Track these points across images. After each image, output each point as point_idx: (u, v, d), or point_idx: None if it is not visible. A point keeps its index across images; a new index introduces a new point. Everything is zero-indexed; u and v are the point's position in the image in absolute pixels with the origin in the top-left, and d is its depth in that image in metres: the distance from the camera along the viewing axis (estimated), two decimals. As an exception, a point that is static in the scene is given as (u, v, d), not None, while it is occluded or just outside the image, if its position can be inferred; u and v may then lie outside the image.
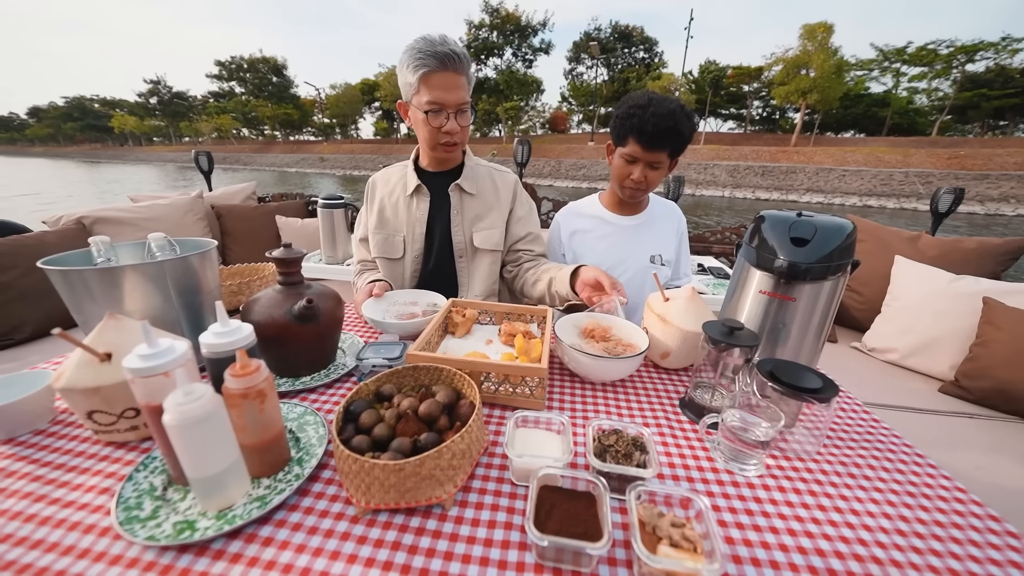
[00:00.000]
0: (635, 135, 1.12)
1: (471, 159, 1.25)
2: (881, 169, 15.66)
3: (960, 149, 16.92)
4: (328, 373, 0.85)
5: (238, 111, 55.04)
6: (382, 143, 42.15)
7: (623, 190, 1.25)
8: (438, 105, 1.03)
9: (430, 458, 0.52)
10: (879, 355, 1.72)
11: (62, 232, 1.89)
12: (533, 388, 0.76)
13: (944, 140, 22.71)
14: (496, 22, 35.75)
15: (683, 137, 1.11)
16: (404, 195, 1.23)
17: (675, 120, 1.08)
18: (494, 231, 1.22)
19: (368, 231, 1.27)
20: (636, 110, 1.10)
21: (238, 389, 0.53)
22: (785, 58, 24.94)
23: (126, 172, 30.93)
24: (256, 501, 0.53)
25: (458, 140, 1.11)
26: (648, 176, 1.17)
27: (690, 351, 0.87)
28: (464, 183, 1.20)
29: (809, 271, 0.71)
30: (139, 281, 0.74)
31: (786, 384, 0.66)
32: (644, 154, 1.13)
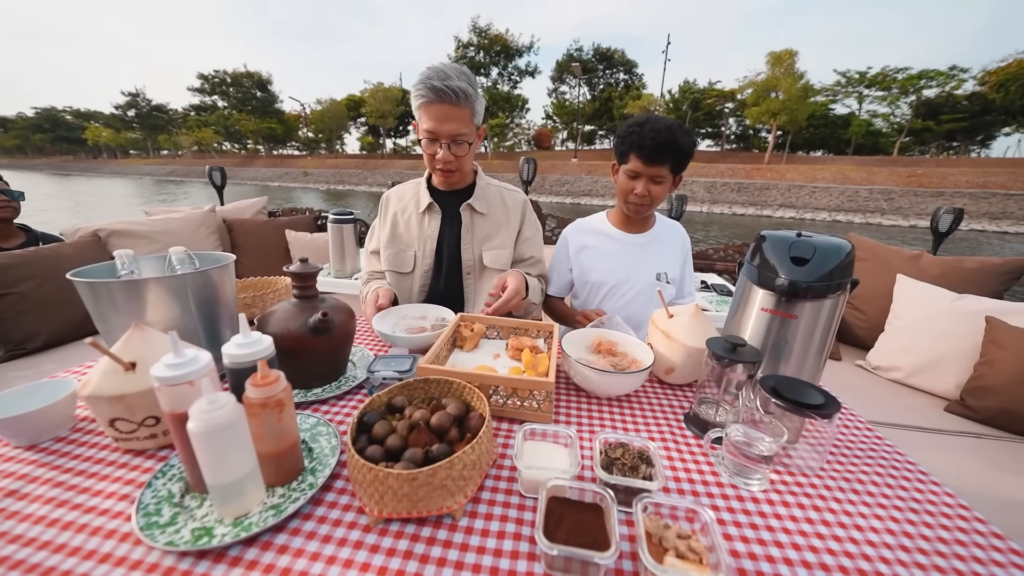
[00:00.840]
0: (635, 151, 1.18)
1: (482, 178, 1.30)
2: (848, 186, 16.62)
3: (918, 168, 18.27)
4: (339, 385, 0.87)
5: (220, 125, 54.35)
6: (367, 158, 42.20)
7: (628, 205, 1.29)
8: (431, 135, 1.09)
9: (442, 468, 0.53)
10: (883, 373, 1.72)
11: (79, 244, 1.94)
12: (540, 402, 0.77)
13: (904, 160, 24.46)
14: (484, 42, 36.59)
15: (681, 150, 1.16)
16: (417, 212, 1.27)
17: (672, 134, 1.14)
18: (503, 251, 1.26)
19: (380, 244, 1.31)
20: (635, 127, 1.18)
21: (258, 399, 0.55)
22: (756, 81, 26.93)
23: (100, 185, 30.17)
24: (271, 509, 0.55)
25: (453, 168, 1.15)
26: (651, 191, 1.22)
27: (694, 367, 0.88)
28: (475, 203, 1.25)
29: (809, 289, 0.73)
30: (161, 293, 0.76)
31: (788, 400, 0.67)
32: (645, 168, 1.19)
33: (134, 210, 14.59)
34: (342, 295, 1.96)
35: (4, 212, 1.85)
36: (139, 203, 16.81)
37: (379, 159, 39.87)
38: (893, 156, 28.20)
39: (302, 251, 2.58)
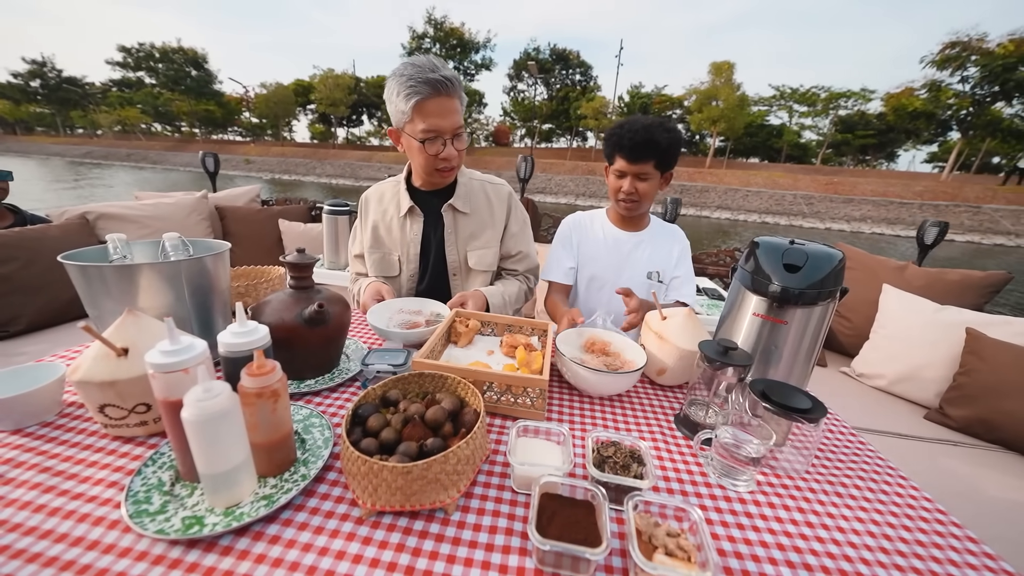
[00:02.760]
0: (618, 151, 1.24)
1: (463, 174, 1.25)
2: (776, 191, 18.35)
3: (835, 177, 20.41)
4: (333, 377, 0.87)
5: (148, 104, 47.31)
6: (317, 147, 39.41)
7: (619, 204, 1.33)
8: (434, 132, 1.02)
9: (437, 462, 0.53)
10: (867, 381, 1.76)
11: (65, 226, 1.90)
12: (534, 399, 0.78)
13: (826, 168, 28.35)
14: (440, 35, 35.77)
15: (660, 147, 1.19)
16: (397, 215, 1.22)
17: (650, 133, 1.18)
18: (488, 251, 1.24)
19: (364, 249, 1.28)
20: (617, 128, 1.23)
21: (253, 388, 0.55)
22: (699, 90, 29.43)
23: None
24: (263, 499, 0.55)
25: (455, 165, 1.12)
26: (639, 188, 1.26)
27: (686, 369, 0.89)
28: (457, 202, 1.20)
29: (801, 296, 0.75)
30: (155, 279, 0.75)
31: (777, 404, 0.69)
32: (629, 167, 1.23)
33: (46, 193, 12.53)
34: (336, 287, 1.94)
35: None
36: (45, 186, 14.55)
37: (330, 148, 37.19)
38: (817, 165, 32.24)
39: (295, 241, 2.55)
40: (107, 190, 16.86)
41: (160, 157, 33.76)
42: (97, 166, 30.62)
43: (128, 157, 34.07)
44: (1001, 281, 1.79)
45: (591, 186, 20.35)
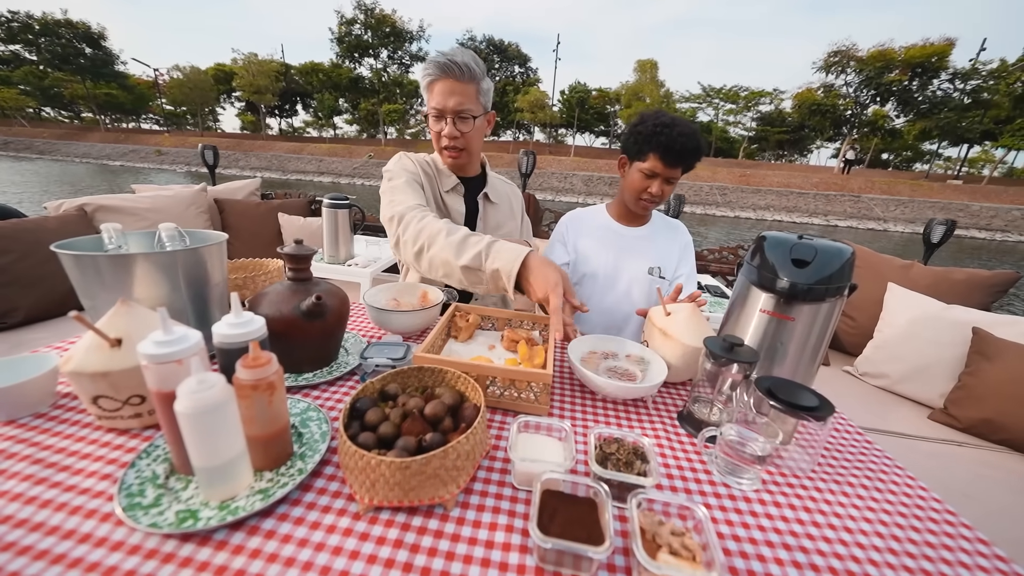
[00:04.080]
0: (659, 152, 1.17)
1: (490, 171, 1.35)
2: (695, 182, 19.47)
3: (748, 170, 21.89)
4: (331, 370, 0.86)
5: (33, 85, 39.49)
6: (243, 138, 35.38)
7: (638, 203, 1.28)
8: (437, 110, 1.10)
9: (436, 458, 0.52)
10: (870, 380, 1.75)
11: (63, 218, 1.89)
12: (537, 394, 0.77)
13: (745, 162, 29.63)
14: (371, 21, 33.89)
15: (700, 156, 1.20)
16: (442, 190, 1.25)
17: (696, 140, 1.16)
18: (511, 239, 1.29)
19: (422, 200, 1.12)
20: (663, 128, 1.15)
21: (249, 380, 0.54)
22: (627, 86, 31.18)
23: None
24: (259, 494, 0.54)
25: (458, 145, 1.15)
26: (664, 191, 1.25)
27: (689, 365, 0.88)
28: (490, 192, 1.30)
29: (809, 292, 0.73)
30: (150, 269, 0.74)
31: (783, 401, 0.67)
32: (665, 170, 1.20)
33: None
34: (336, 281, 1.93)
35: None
36: None
37: (256, 139, 32.95)
38: (739, 159, 33.93)
39: (294, 235, 2.54)
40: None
41: (49, 147, 27.87)
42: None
43: (6, 146, 27.91)
44: (1008, 280, 1.77)
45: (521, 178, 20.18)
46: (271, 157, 24.27)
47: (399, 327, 1.00)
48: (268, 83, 34.40)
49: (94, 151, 27.42)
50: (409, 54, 35.72)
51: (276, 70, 35.00)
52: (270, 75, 34.36)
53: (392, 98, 35.83)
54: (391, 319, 0.99)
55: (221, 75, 39.22)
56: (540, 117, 32.30)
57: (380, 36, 34.35)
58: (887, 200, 17.16)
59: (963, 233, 14.85)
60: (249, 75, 33.51)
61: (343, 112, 40.33)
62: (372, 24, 33.69)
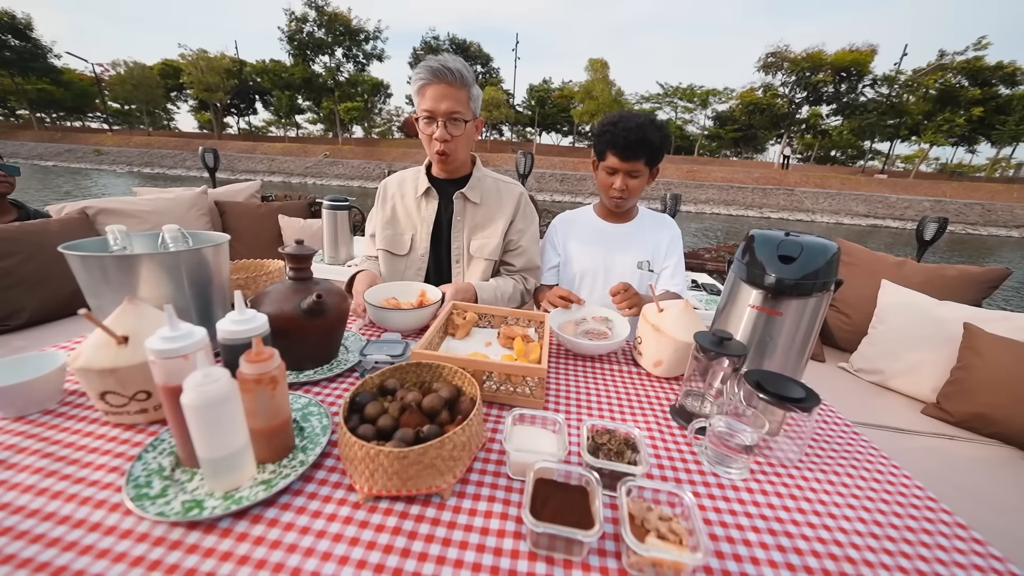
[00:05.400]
0: (611, 148, 1.24)
1: (480, 170, 1.32)
2: None
3: (695, 166, 23.15)
4: (331, 367, 0.87)
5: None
6: (193, 137, 33.96)
7: (609, 200, 1.36)
8: (429, 113, 1.11)
9: (433, 447, 0.54)
10: (865, 375, 1.76)
11: (65, 221, 1.90)
12: (533, 388, 0.79)
13: (698, 159, 31.36)
14: (324, 19, 32.17)
15: (653, 146, 1.23)
16: (415, 196, 1.30)
17: (643, 131, 1.20)
18: (490, 240, 1.29)
19: (377, 227, 1.33)
20: (609, 126, 1.24)
21: (252, 374, 0.55)
22: (581, 84, 31.57)
23: None
24: (262, 484, 0.55)
25: (449, 149, 1.17)
26: (629, 184, 1.29)
27: (682, 360, 0.90)
28: (469, 192, 1.27)
29: (795, 287, 0.75)
30: (155, 270, 0.76)
31: (771, 393, 0.69)
32: (622, 164, 1.25)
33: None
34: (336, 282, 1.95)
35: (1, 187, 1.81)
36: None
37: (208, 139, 31.47)
38: (693, 156, 35.63)
39: (294, 236, 2.54)
40: None
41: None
42: None
43: None
44: (999, 277, 1.79)
45: None
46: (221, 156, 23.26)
47: (398, 325, 1.03)
48: (219, 80, 32.55)
49: (24, 150, 25.88)
50: (364, 52, 34.34)
51: (227, 67, 33.26)
52: (220, 72, 32.51)
53: (350, 96, 34.55)
54: (390, 317, 1.01)
55: (169, 71, 36.67)
56: (496, 116, 32.16)
57: (334, 34, 32.84)
58: (817, 193, 18.34)
59: (879, 223, 16.07)
60: (198, 72, 31.58)
61: (304, 111, 39.32)
62: (324, 22, 32.21)
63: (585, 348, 0.99)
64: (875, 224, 16.04)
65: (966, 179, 24.04)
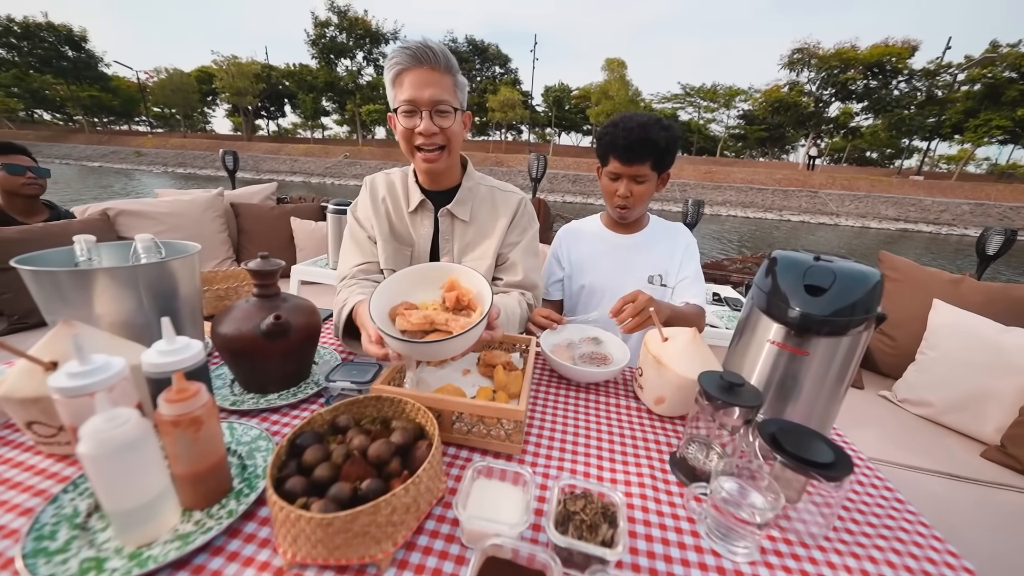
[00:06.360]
0: (612, 152, 1.15)
1: (471, 178, 1.11)
2: None
3: (714, 167, 22.53)
4: (297, 391, 0.81)
5: (22, 88, 38.69)
6: (223, 140, 35.77)
7: (614, 209, 1.25)
8: (410, 104, 0.92)
9: (364, 514, 0.46)
10: (911, 407, 1.56)
11: (87, 221, 1.96)
12: (509, 431, 0.69)
13: (719, 160, 30.97)
14: (345, 23, 33.29)
15: (658, 147, 1.11)
16: (408, 209, 1.09)
17: (646, 131, 1.09)
18: (481, 262, 1.09)
19: (380, 236, 1.09)
20: (610, 128, 1.14)
21: (170, 416, 0.49)
22: (598, 85, 31.37)
23: None
24: (178, 540, 0.49)
25: (438, 142, 0.96)
26: (634, 191, 1.18)
27: (686, 399, 0.78)
28: (456, 208, 1.06)
29: (825, 324, 0.62)
30: (110, 285, 0.72)
31: (791, 455, 0.57)
32: (624, 168, 1.15)
33: None
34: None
35: (31, 189, 1.88)
36: None
37: (237, 141, 32.98)
38: (715, 157, 34.31)
39: (305, 240, 2.56)
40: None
41: (31, 148, 24.60)
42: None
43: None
44: (1082, 300, 1.54)
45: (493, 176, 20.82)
46: (247, 158, 24.48)
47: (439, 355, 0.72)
48: (248, 85, 34.00)
49: (75, 152, 28.33)
50: (383, 55, 35.41)
51: (256, 72, 34.78)
52: (249, 77, 33.98)
53: (371, 99, 35.41)
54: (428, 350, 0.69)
55: (205, 77, 38.91)
56: (511, 116, 32.03)
57: (355, 38, 34.01)
58: (843, 195, 17.63)
59: (910, 227, 15.18)
60: (229, 77, 33.24)
61: (329, 113, 40.32)
62: (346, 26, 33.40)
63: (577, 375, 0.89)
64: (905, 228, 15.15)
65: (1016, 180, 22.04)
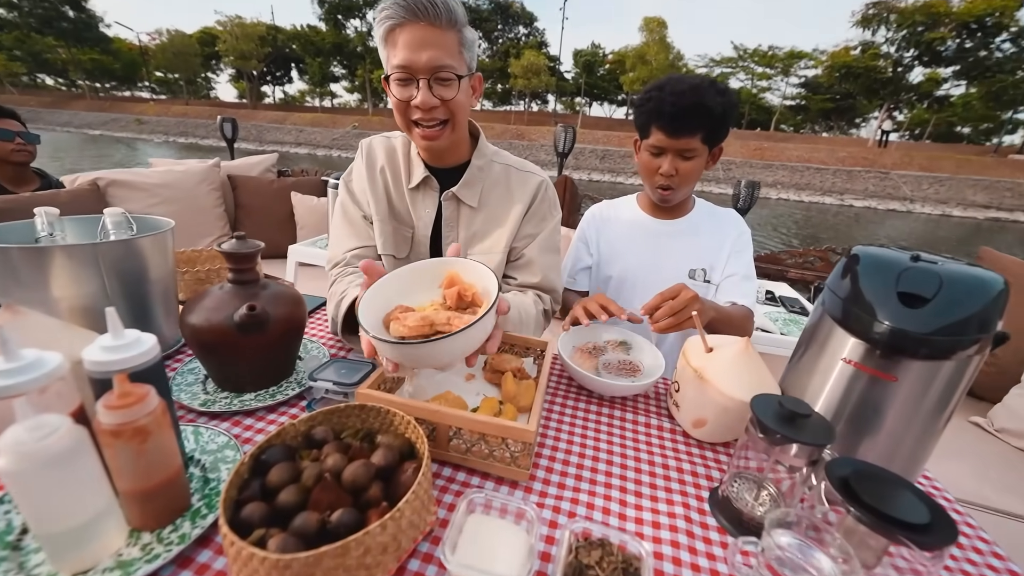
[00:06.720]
0: (656, 121, 1.06)
1: (483, 154, 1.02)
2: None
3: (764, 143, 21.77)
4: (276, 391, 0.78)
5: (24, 50, 38.67)
6: (226, 107, 35.59)
7: (654, 189, 1.15)
8: (405, 70, 0.82)
9: (330, 556, 0.42)
10: (1012, 439, 1.42)
11: (76, 192, 2.01)
12: (515, 454, 0.64)
13: (774, 134, 29.91)
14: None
15: (713, 115, 1.01)
16: (408, 185, 1.02)
17: (699, 95, 1.00)
18: (492, 256, 1.02)
19: (376, 215, 1.02)
20: (653, 92, 1.05)
21: (110, 425, 0.46)
22: (633, 47, 30.88)
23: None
24: (118, 569, 0.46)
25: (439, 116, 0.87)
26: (680, 168, 1.08)
27: (733, 423, 0.71)
28: (463, 192, 0.99)
29: (925, 344, 0.53)
30: (67, 264, 0.70)
31: (868, 507, 0.49)
32: (670, 141, 1.05)
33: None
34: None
35: (20, 156, 1.94)
36: None
37: (241, 109, 33.15)
38: (769, 131, 32.68)
39: (307, 217, 2.57)
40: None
41: (32, 115, 27.49)
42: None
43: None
44: None
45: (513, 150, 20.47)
46: (250, 127, 24.58)
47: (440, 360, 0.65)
48: (252, 48, 33.53)
49: (76, 120, 29.24)
50: None
51: (261, 34, 34.25)
52: (254, 39, 33.43)
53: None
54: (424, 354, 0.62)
55: (207, 39, 38.73)
56: (535, 84, 31.05)
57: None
58: (920, 177, 16.63)
59: (1003, 216, 14.17)
60: (233, 39, 32.76)
61: (338, 79, 39.85)
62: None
63: (601, 387, 0.83)
64: (996, 218, 14.08)
65: None
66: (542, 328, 1.05)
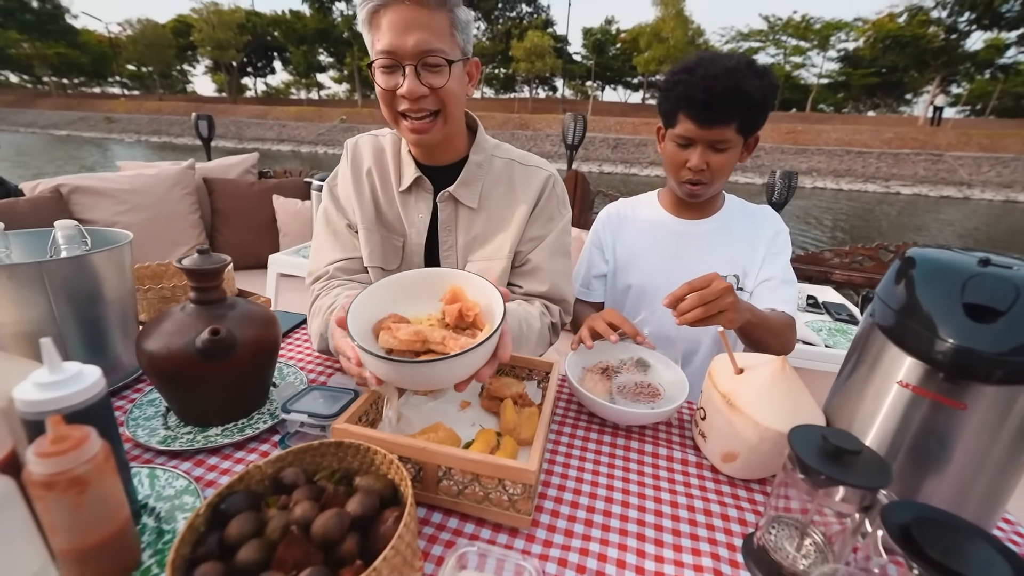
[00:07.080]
0: (685, 108, 1.02)
1: (482, 149, 1.01)
2: None
3: (799, 125, 21.56)
4: (245, 425, 0.76)
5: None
6: (204, 102, 35.57)
7: (680, 185, 1.12)
8: (389, 55, 0.81)
9: (291, 630, 0.39)
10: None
11: (36, 201, 2.04)
12: (515, 497, 0.61)
13: (810, 115, 29.17)
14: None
15: (751, 101, 0.97)
16: (398, 189, 1.00)
17: (735, 79, 0.95)
18: (494, 263, 1.00)
19: (362, 222, 1.00)
20: (683, 75, 1.00)
21: (41, 475, 0.44)
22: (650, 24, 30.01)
23: None
24: (52, 643, 0.44)
25: (428, 107, 0.86)
26: (712, 162, 1.04)
27: (769, 458, 0.67)
28: (460, 192, 0.97)
29: (998, 367, 0.49)
30: (9, 286, 0.69)
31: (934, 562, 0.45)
32: (701, 131, 1.01)
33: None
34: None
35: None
36: None
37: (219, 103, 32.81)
38: (805, 112, 31.64)
39: (290, 222, 2.57)
40: None
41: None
42: None
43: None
44: None
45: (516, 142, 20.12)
46: (229, 124, 24.75)
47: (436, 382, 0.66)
48: (230, 37, 33.17)
49: (41, 119, 29.50)
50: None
51: (240, 21, 34.09)
52: (232, 27, 33.11)
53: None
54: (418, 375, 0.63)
55: (182, 29, 38.33)
56: (539, 68, 30.83)
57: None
58: (980, 159, 16.02)
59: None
60: (209, 28, 32.42)
61: (325, 69, 39.93)
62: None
63: (615, 415, 0.80)
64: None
65: None
66: (546, 344, 1.03)
